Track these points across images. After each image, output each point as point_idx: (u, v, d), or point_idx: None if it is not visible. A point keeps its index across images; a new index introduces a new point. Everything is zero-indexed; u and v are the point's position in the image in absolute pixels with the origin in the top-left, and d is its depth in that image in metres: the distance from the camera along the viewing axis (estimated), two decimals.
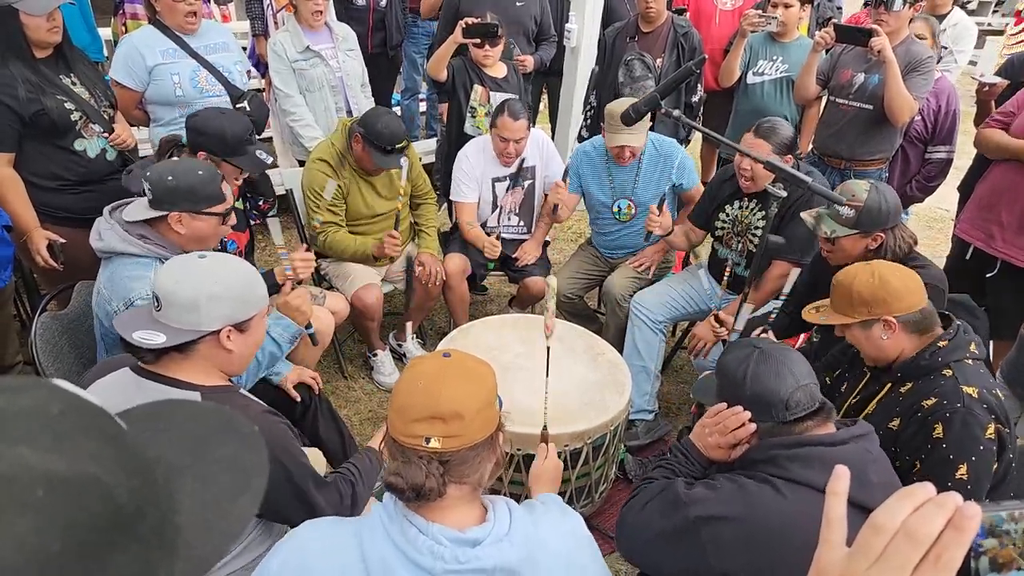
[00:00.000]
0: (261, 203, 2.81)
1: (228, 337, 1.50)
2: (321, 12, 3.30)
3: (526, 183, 3.29)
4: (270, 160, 2.46)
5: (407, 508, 1.10)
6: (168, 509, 0.52)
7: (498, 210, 3.32)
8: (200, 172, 1.95)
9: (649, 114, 2.81)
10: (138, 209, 1.95)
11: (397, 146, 2.79)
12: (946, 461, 1.63)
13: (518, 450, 2.12)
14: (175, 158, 2.26)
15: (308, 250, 2.41)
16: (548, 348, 1.81)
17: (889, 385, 1.82)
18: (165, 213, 1.92)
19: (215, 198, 1.97)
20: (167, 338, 1.43)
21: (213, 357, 1.50)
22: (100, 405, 0.51)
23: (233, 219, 2.08)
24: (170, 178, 1.90)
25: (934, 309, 1.78)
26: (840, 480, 0.61)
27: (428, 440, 1.07)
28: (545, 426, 1.69)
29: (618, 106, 2.74)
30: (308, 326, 2.15)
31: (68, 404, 0.49)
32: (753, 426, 1.43)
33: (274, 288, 2.23)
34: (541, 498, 1.46)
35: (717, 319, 2.52)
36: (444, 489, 1.08)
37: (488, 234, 3.21)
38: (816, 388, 1.43)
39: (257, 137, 2.55)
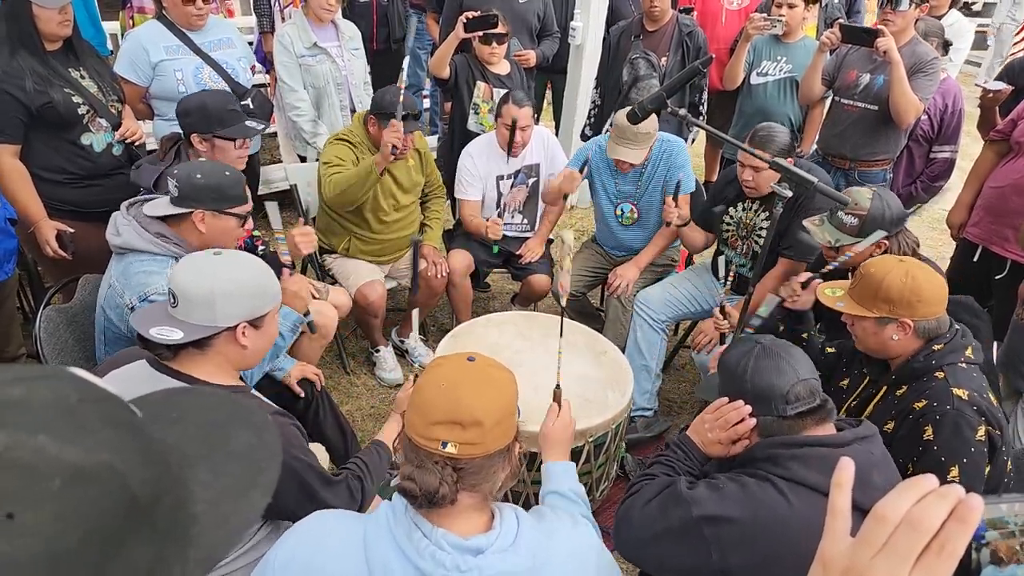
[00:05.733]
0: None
1: (243, 333, 1.51)
2: (332, 8, 3.30)
3: (530, 181, 3.29)
4: (262, 127, 2.47)
5: (415, 511, 1.09)
6: (184, 498, 0.52)
7: (502, 208, 3.32)
8: (227, 173, 2.01)
9: (654, 131, 2.81)
10: (161, 205, 1.98)
11: (409, 113, 2.77)
12: (938, 463, 1.63)
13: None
14: (202, 159, 2.28)
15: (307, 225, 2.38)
16: (563, 309, 1.80)
17: (885, 388, 1.81)
18: (190, 211, 1.95)
19: (239, 199, 2.02)
20: (184, 334, 1.45)
21: (228, 353, 1.52)
22: (116, 393, 0.51)
23: (251, 224, 2.12)
24: (199, 176, 1.95)
25: (948, 317, 1.76)
26: (844, 471, 0.62)
27: (445, 444, 1.06)
28: (558, 385, 1.68)
29: (625, 118, 2.72)
30: (306, 314, 2.12)
31: (86, 393, 0.49)
32: (753, 421, 1.43)
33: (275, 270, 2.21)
34: (550, 502, 1.45)
35: (723, 310, 2.48)
36: (456, 496, 1.07)
37: (488, 219, 3.17)
38: (817, 384, 1.43)
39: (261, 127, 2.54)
